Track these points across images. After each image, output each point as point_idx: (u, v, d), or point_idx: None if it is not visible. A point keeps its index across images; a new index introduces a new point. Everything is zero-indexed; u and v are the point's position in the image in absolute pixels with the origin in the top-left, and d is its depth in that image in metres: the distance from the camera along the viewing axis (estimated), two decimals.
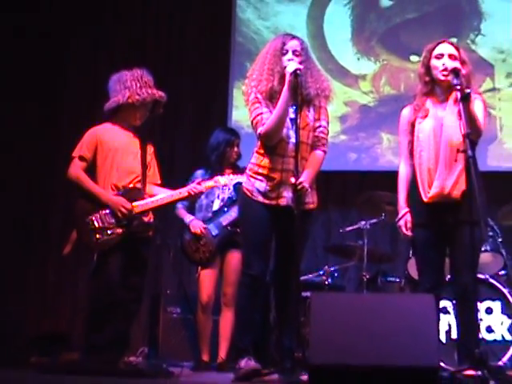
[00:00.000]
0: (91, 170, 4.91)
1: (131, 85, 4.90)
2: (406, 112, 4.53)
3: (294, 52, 4.37)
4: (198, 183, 4.96)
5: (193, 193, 4.89)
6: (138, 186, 4.89)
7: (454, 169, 4.22)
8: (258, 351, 4.27)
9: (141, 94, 4.89)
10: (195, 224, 5.69)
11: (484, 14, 7.93)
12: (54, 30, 8.25)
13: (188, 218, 5.76)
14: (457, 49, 4.45)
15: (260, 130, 4.30)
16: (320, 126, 4.45)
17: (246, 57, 7.87)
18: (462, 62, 4.34)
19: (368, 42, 8.11)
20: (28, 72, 8.04)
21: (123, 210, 4.73)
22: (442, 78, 4.33)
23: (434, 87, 4.42)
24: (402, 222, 4.45)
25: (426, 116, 4.37)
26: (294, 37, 4.49)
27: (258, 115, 4.34)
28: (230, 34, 8.24)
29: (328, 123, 4.52)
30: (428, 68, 4.42)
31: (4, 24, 8.06)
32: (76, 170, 4.86)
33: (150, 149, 5.10)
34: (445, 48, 4.41)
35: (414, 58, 7.59)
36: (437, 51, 4.41)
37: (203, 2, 8.28)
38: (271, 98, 4.35)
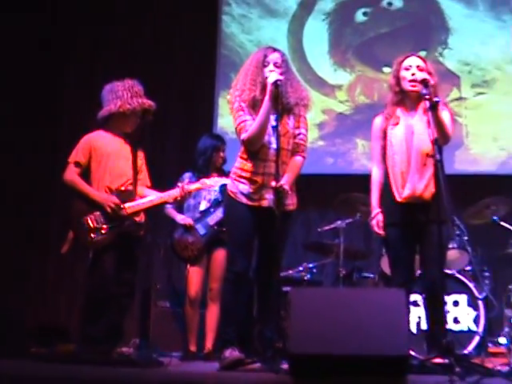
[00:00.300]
0: (86, 173, 4.93)
1: (122, 94, 4.90)
2: (378, 120, 4.55)
3: (275, 64, 4.37)
4: (187, 184, 4.98)
5: (181, 194, 4.91)
6: (130, 188, 4.89)
7: (425, 172, 4.25)
8: (241, 342, 4.26)
9: (131, 104, 4.89)
10: (185, 218, 5.71)
11: (451, 29, 7.97)
12: (54, 43, 8.23)
13: (178, 216, 5.77)
14: (424, 61, 4.48)
15: (243, 136, 4.30)
16: (300, 134, 4.45)
17: (231, 68, 7.87)
18: (429, 73, 4.36)
19: (344, 54, 8.13)
20: (30, 79, 8.02)
21: (112, 204, 4.74)
22: (410, 88, 4.36)
23: (403, 97, 4.45)
24: (374, 222, 4.47)
25: (397, 123, 4.40)
26: (275, 49, 4.48)
27: (241, 122, 4.34)
28: (216, 47, 8.24)
29: (307, 131, 4.53)
30: (398, 79, 4.45)
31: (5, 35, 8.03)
32: (71, 174, 4.88)
33: (141, 154, 5.10)
34: (413, 60, 4.45)
35: (386, 69, 7.60)
36: (406, 63, 4.45)
37: (191, 18, 8.25)
38: (254, 106, 4.34)
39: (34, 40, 8.17)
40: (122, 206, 4.77)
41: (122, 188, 4.86)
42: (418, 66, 4.40)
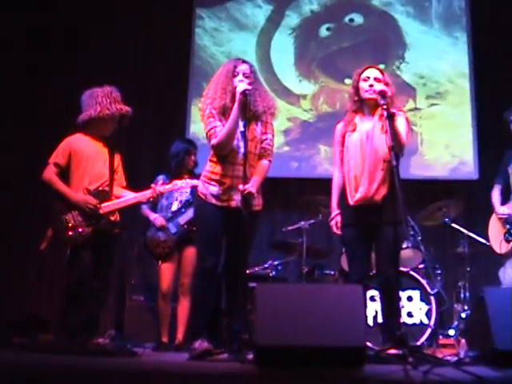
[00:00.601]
0: (65, 174, 4.90)
1: (102, 100, 4.87)
2: (339, 126, 4.57)
3: (243, 74, 4.37)
4: (159, 186, 4.98)
5: (153, 195, 4.90)
6: (106, 189, 4.87)
7: (377, 176, 4.26)
8: (210, 334, 4.25)
9: (110, 109, 4.87)
10: (158, 219, 5.69)
11: (408, 44, 8.05)
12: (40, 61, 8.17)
13: (152, 215, 5.76)
14: (382, 73, 4.51)
15: (213, 141, 4.30)
16: (266, 139, 4.46)
17: (203, 78, 7.84)
18: (386, 84, 4.39)
19: (308, 66, 8.16)
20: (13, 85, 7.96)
21: (90, 206, 4.73)
22: (368, 96, 4.38)
23: (361, 105, 4.48)
24: (333, 222, 4.50)
25: (354, 130, 4.42)
26: (244, 61, 4.49)
27: (211, 128, 4.33)
28: (189, 57, 8.22)
29: (273, 136, 4.53)
30: (357, 89, 4.48)
31: None
32: (49, 173, 4.85)
33: (118, 156, 5.08)
34: (371, 72, 4.48)
35: (347, 80, 7.61)
36: (364, 74, 4.47)
37: (167, 30, 8.23)
38: (224, 113, 4.34)
39: (16, 46, 8.10)
40: (98, 206, 4.75)
41: (100, 188, 4.84)
42: (375, 78, 4.43)
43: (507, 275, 5.34)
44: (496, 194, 5.56)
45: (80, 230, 4.71)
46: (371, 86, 4.38)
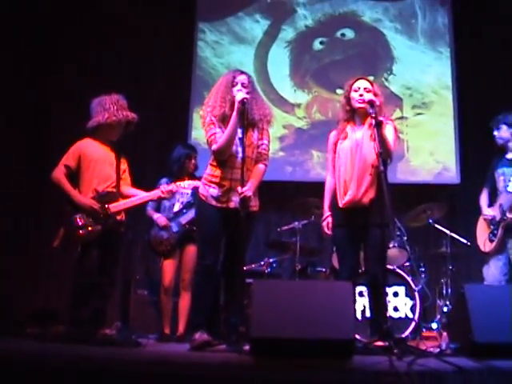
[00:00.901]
0: (75, 176, 4.91)
1: (109, 107, 4.89)
2: (332, 135, 4.58)
3: (242, 84, 4.38)
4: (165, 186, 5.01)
5: (164, 194, 4.92)
6: (114, 190, 4.88)
7: (365, 181, 4.28)
8: (209, 326, 4.25)
9: (117, 116, 4.89)
10: (161, 219, 5.69)
11: (395, 58, 8.08)
12: (47, 60, 8.17)
13: (155, 215, 5.75)
14: (371, 84, 4.52)
15: (214, 147, 4.31)
16: (262, 144, 4.47)
17: (204, 87, 7.86)
18: (375, 94, 4.40)
19: (303, 77, 8.17)
20: (23, 94, 7.96)
21: (94, 209, 4.75)
22: (358, 105, 4.39)
23: (353, 114, 4.49)
24: (324, 224, 4.51)
25: (345, 138, 4.44)
26: (242, 72, 4.50)
27: (212, 135, 4.34)
28: (191, 68, 8.23)
29: (269, 142, 4.54)
30: (348, 98, 4.48)
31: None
32: (59, 173, 4.87)
33: (125, 160, 5.10)
34: (361, 83, 4.49)
35: (339, 91, 7.62)
36: (355, 85, 4.48)
37: (171, 43, 8.23)
38: (223, 120, 4.35)
39: (25, 57, 8.10)
40: (102, 209, 4.76)
41: (108, 190, 4.85)
42: (365, 88, 4.44)
43: (491, 272, 5.37)
44: (484, 197, 5.58)
45: (90, 228, 4.73)
46: (361, 95, 4.39)
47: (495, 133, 5.56)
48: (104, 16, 8.31)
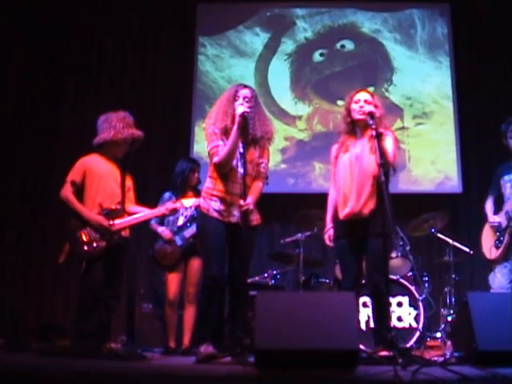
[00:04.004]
0: (80, 191, 4.95)
1: (115, 125, 4.93)
2: (334, 148, 4.62)
3: (244, 98, 4.39)
4: (170, 203, 5.06)
5: (167, 212, 4.99)
6: (118, 207, 4.91)
7: (364, 192, 4.29)
8: (214, 339, 4.26)
9: (123, 134, 4.93)
10: (166, 232, 5.71)
11: (395, 68, 8.12)
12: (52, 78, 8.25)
13: (160, 228, 5.75)
14: (372, 96, 4.54)
15: (215, 159, 4.32)
16: (262, 163, 4.47)
17: (206, 101, 7.94)
18: (376, 106, 4.43)
19: (303, 89, 8.21)
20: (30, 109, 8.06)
21: (102, 226, 4.79)
22: (359, 116, 4.41)
23: (353, 126, 4.51)
24: (326, 235, 4.55)
25: (346, 151, 4.46)
26: (246, 86, 4.51)
27: (214, 147, 4.35)
28: (192, 82, 8.27)
29: (268, 161, 4.55)
30: (349, 111, 4.50)
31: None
32: (67, 192, 4.90)
33: (129, 177, 5.14)
34: (362, 95, 4.51)
35: (340, 102, 7.69)
36: (356, 97, 4.50)
37: (172, 56, 8.27)
38: (225, 133, 4.35)
39: (30, 73, 8.19)
40: (110, 226, 4.80)
41: (112, 207, 4.89)
42: (365, 100, 4.46)
43: (497, 279, 5.36)
44: (489, 204, 5.58)
45: (95, 244, 4.76)
46: (361, 107, 4.43)
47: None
48: (104, 30, 8.39)
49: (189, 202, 5.10)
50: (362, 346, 4.91)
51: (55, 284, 7.65)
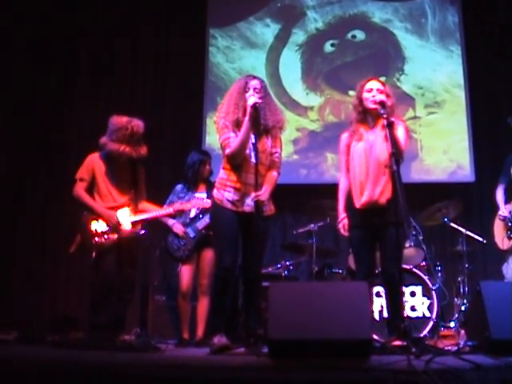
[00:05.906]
0: (92, 186, 5.05)
1: (121, 139, 4.97)
2: (344, 136, 4.58)
3: (254, 89, 4.39)
4: (180, 204, 5.19)
5: (172, 213, 5.21)
6: (130, 202, 4.99)
7: (381, 181, 4.28)
8: (228, 330, 4.27)
9: (125, 152, 5.00)
10: (177, 226, 5.71)
11: (407, 58, 8.07)
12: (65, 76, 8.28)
13: (170, 221, 5.74)
14: (383, 84, 4.52)
15: (228, 151, 4.33)
16: (276, 152, 4.48)
17: (217, 92, 7.92)
18: (387, 95, 4.40)
19: (315, 80, 8.19)
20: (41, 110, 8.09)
21: (112, 221, 4.90)
22: (371, 106, 4.38)
23: (365, 115, 4.48)
24: (340, 225, 4.50)
25: (359, 139, 4.43)
26: (255, 77, 4.52)
27: (226, 139, 4.36)
28: (203, 74, 8.27)
29: (281, 150, 4.56)
30: (361, 100, 4.48)
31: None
32: (79, 190, 5.03)
33: (141, 170, 5.17)
34: (373, 84, 4.48)
35: (351, 92, 7.60)
36: (367, 86, 4.47)
37: (183, 49, 8.29)
38: (237, 125, 4.36)
39: (44, 75, 8.24)
40: (120, 222, 4.87)
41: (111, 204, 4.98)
42: (377, 89, 4.43)
43: (510, 270, 5.34)
44: (500, 194, 5.56)
45: (106, 236, 4.80)
46: (374, 96, 4.40)
47: None
48: (116, 24, 8.41)
49: (198, 202, 5.33)
50: (375, 336, 4.89)
51: (69, 276, 7.71)
